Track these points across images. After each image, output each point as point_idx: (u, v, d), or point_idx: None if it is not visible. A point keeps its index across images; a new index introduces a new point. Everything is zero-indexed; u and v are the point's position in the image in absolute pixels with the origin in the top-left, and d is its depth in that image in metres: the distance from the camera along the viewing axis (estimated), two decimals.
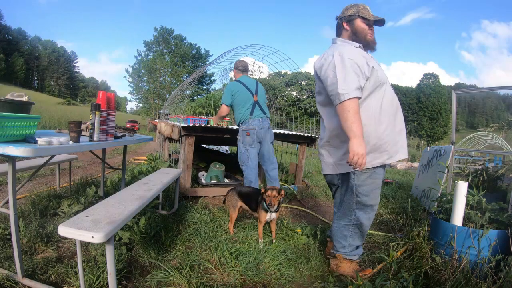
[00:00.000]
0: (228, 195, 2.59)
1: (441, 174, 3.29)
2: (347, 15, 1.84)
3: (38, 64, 70.50)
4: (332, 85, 1.60)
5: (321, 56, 1.78)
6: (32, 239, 2.00)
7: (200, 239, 2.28)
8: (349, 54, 1.64)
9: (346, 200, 1.85)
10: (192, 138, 3.58)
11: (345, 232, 1.90)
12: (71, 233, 1.28)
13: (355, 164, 1.57)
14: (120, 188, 2.88)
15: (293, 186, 4.20)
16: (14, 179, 1.51)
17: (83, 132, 1.97)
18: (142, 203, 1.78)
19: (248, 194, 2.52)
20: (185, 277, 1.73)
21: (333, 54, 1.67)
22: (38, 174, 4.09)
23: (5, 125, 1.34)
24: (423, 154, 4.69)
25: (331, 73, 1.62)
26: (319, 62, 1.74)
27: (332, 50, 1.71)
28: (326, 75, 1.64)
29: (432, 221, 2.17)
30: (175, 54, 37.47)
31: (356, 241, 1.93)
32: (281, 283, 1.84)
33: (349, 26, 1.84)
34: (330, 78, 1.62)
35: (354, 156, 1.54)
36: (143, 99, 37.06)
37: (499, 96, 76.76)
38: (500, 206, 2.00)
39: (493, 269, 1.67)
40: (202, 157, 5.62)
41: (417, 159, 15.03)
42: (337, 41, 1.87)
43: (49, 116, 12.41)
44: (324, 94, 1.77)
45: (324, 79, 1.66)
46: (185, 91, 10.76)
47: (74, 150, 1.67)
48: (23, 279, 1.55)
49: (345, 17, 1.84)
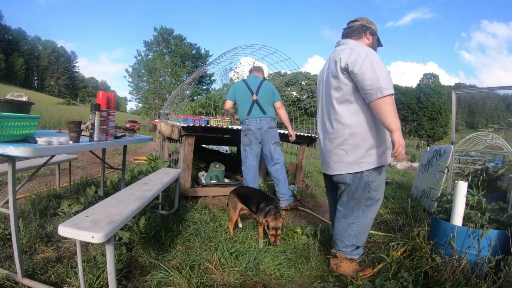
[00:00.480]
0: (229, 196, 2.59)
1: (441, 174, 3.29)
2: (372, 28, 1.94)
3: (38, 64, 70.49)
4: (372, 80, 1.59)
5: (348, 52, 1.73)
6: (32, 239, 2.00)
7: (200, 239, 2.28)
8: (378, 56, 1.71)
9: (357, 197, 1.85)
10: (192, 138, 3.58)
11: (350, 230, 1.89)
12: (71, 233, 1.28)
13: (399, 155, 1.60)
14: (120, 188, 2.88)
15: (293, 186, 4.20)
16: (14, 179, 1.51)
17: (83, 132, 1.97)
18: (142, 203, 1.78)
19: (247, 196, 2.51)
20: (185, 277, 1.73)
21: (366, 52, 1.67)
22: (38, 174, 4.09)
23: (5, 125, 1.34)
24: (423, 154, 4.69)
25: (369, 69, 1.61)
26: (351, 58, 1.68)
27: (361, 48, 1.71)
28: (363, 70, 1.62)
29: (432, 221, 2.17)
30: (175, 54, 37.49)
31: (359, 241, 1.93)
32: (281, 283, 1.84)
33: (371, 39, 1.94)
34: (368, 74, 1.61)
35: (400, 147, 1.58)
36: (143, 99, 37.08)
37: (499, 96, 76.87)
38: (500, 206, 2.00)
39: (493, 269, 1.67)
40: (202, 157, 5.62)
41: (417, 159, 15.04)
42: (359, 42, 1.90)
43: (49, 116, 12.42)
44: (345, 90, 1.74)
45: (360, 74, 1.63)
46: (185, 91, 10.76)
47: (74, 150, 1.67)
48: (23, 279, 1.55)
49: (370, 29, 1.93)
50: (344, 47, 1.82)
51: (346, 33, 1.97)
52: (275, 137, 3.33)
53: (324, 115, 1.92)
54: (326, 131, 1.90)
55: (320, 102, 1.99)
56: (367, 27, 1.92)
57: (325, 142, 1.92)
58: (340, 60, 1.72)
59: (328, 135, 1.87)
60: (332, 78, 1.79)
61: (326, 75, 1.90)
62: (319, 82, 2.04)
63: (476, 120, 75.03)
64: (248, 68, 10.97)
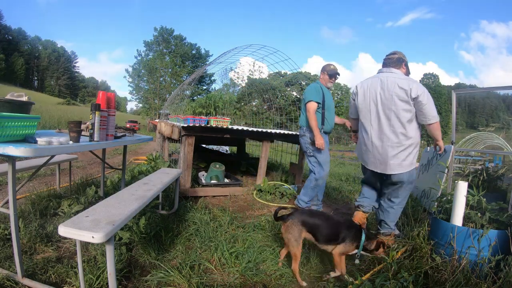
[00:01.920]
0: (289, 224, 1.92)
1: (441, 174, 3.29)
2: (406, 60, 2.51)
3: (38, 64, 70.49)
4: (432, 110, 2.24)
5: (414, 84, 2.25)
6: (32, 239, 2.00)
7: (200, 239, 2.28)
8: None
9: (409, 188, 2.45)
10: (192, 138, 3.58)
11: (399, 213, 2.54)
12: (71, 233, 1.28)
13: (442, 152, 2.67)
14: (120, 188, 2.87)
15: (293, 186, 4.20)
16: (14, 179, 1.51)
17: (83, 132, 1.97)
18: (142, 203, 1.78)
19: (317, 223, 1.94)
20: (185, 277, 1.73)
21: (423, 86, 2.26)
22: (38, 174, 4.09)
23: (5, 125, 1.34)
24: (423, 154, 4.68)
25: (430, 101, 2.23)
26: (419, 90, 2.21)
27: (418, 83, 2.29)
28: (427, 101, 2.22)
29: (432, 221, 2.17)
30: (175, 54, 37.49)
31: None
32: (281, 283, 1.84)
33: (405, 69, 2.52)
34: (430, 104, 2.23)
35: (443, 147, 2.50)
36: (143, 99, 37.10)
37: (499, 96, 76.77)
38: (500, 206, 2.00)
39: (493, 269, 1.67)
40: (202, 157, 5.63)
41: (417, 159, 15.01)
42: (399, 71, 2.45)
43: (49, 116, 12.42)
44: (412, 112, 2.28)
45: (426, 103, 2.21)
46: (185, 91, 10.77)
47: (74, 150, 1.67)
48: (23, 279, 1.55)
49: (405, 61, 2.50)
50: (396, 76, 2.34)
51: (387, 63, 2.48)
52: (304, 146, 3.21)
53: (384, 127, 2.36)
54: (388, 140, 2.35)
55: (376, 116, 2.40)
56: (403, 60, 2.47)
57: (385, 149, 2.37)
58: (411, 90, 2.22)
59: (391, 143, 2.34)
60: (401, 102, 2.27)
61: (385, 96, 2.34)
62: (369, 99, 2.44)
63: (476, 120, 74.95)
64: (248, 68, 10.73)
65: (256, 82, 12.99)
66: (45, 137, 1.49)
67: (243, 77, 18.45)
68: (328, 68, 3.24)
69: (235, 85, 26.16)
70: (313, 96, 3.06)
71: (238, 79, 21.21)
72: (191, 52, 39.19)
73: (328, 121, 3.18)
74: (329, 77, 3.22)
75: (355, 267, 2.07)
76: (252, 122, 12.35)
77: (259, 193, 3.93)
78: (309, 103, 3.04)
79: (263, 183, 4.04)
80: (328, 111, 3.16)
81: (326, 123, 3.16)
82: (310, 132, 3.09)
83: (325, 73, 3.24)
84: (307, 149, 3.17)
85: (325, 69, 3.26)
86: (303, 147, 3.24)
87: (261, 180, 4.12)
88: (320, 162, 3.10)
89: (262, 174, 4.18)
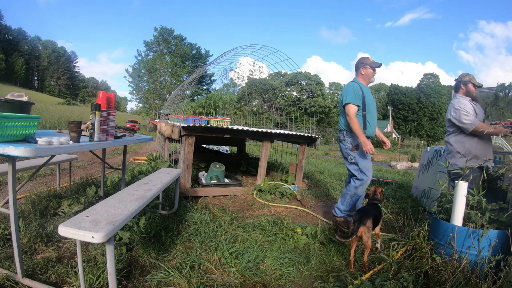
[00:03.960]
0: (368, 225, 2.10)
1: (441, 174, 3.29)
2: (463, 80, 2.69)
3: (38, 64, 70.51)
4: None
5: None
6: (32, 239, 2.00)
7: (200, 239, 2.29)
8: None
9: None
10: (192, 138, 3.58)
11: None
12: (71, 233, 1.28)
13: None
14: (120, 188, 2.88)
15: (293, 186, 4.20)
16: (14, 179, 1.51)
17: (83, 132, 1.97)
18: (142, 203, 1.78)
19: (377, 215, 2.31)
20: (185, 277, 1.73)
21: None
22: (38, 174, 4.10)
23: (5, 125, 1.34)
24: (423, 154, 4.69)
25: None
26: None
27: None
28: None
29: (432, 221, 2.17)
30: (175, 54, 37.53)
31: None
32: (281, 283, 1.84)
33: (465, 89, 2.68)
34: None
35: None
36: (143, 99, 37.14)
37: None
38: (500, 206, 2.00)
39: (493, 269, 1.67)
40: (202, 157, 5.63)
41: (417, 159, 15.03)
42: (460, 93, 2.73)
43: (49, 116, 12.43)
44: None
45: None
46: (185, 91, 10.77)
47: (74, 150, 1.67)
48: (23, 279, 1.55)
49: (463, 81, 2.69)
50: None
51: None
52: (343, 152, 2.88)
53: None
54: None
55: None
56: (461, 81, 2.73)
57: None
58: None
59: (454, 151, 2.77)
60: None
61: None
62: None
63: None
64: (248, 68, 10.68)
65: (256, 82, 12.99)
66: (45, 137, 1.49)
67: (243, 77, 18.47)
68: (368, 60, 2.83)
69: (235, 85, 26.16)
70: (351, 98, 2.70)
71: (238, 79, 21.26)
72: (191, 52, 39.24)
73: (371, 124, 2.80)
74: (373, 70, 2.83)
75: (357, 266, 2.07)
76: (252, 122, 12.35)
77: (259, 193, 3.94)
78: (348, 105, 2.71)
79: (263, 183, 4.04)
80: (369, 113, 2.79)
81: (369, 127, 2.78)
82: (351, 136, 2.77)
83: (367, 67, 2.83)
84: (348, 155, 2.81)
85: (365, 63, 2.84)
86: (343, 152, 2.88)
87: (261, 180, 4.12)
88: (362, 169, 2.75)
89: (262, 174, 4.18)
